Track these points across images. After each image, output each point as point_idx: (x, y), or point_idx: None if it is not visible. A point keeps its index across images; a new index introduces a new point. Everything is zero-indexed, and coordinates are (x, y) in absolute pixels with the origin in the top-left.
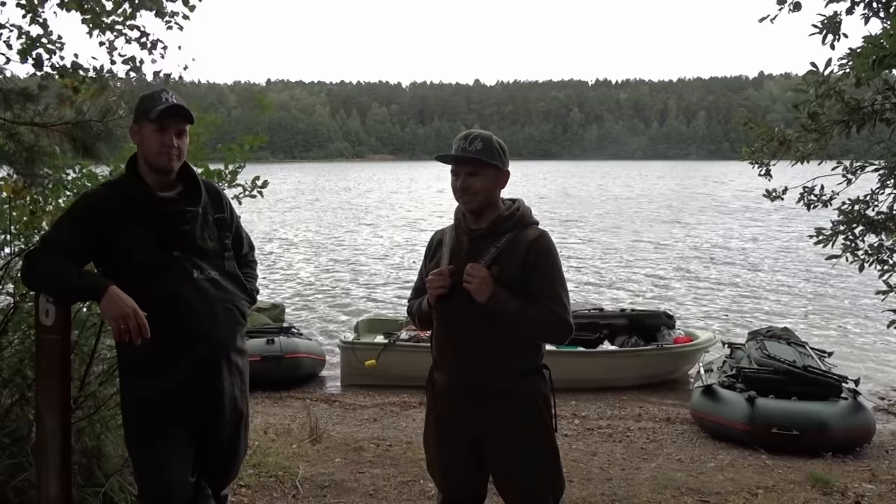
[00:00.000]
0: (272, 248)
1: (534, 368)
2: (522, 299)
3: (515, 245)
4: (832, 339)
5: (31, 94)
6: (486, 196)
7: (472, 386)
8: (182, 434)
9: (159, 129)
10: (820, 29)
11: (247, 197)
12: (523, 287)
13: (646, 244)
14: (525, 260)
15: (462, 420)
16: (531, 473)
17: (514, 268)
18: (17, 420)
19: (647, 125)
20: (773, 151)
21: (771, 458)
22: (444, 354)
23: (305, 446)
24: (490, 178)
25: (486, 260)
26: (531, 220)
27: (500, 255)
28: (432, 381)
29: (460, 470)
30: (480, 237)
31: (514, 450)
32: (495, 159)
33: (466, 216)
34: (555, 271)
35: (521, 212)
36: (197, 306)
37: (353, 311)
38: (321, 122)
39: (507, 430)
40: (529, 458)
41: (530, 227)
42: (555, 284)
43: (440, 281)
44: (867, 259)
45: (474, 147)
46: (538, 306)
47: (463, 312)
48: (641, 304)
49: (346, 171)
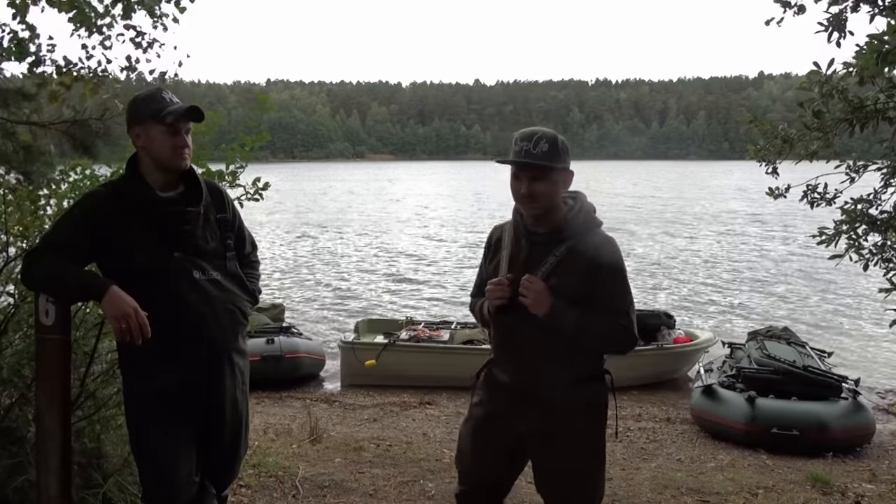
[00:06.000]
0: (272, 248)
1: (593, 375)
2: (584, 310)
3: (576, 254)
4: (832, 339)
5: (27, 94)
6: (553, 200)
7: (527, 390)
8: (184, 433)
9: (172, 131)
10: (826, 27)
11: (249, 200)
12: (585, 297)
13: (646, 244)
14: (587, 270)
15: (512, 420)
16: (577, 479)
17: (575, 278)
18: (17, 420)
19: (647, 125)
20: (778, 150)
21: (771, 458)
22: (502, 357)
23: (305, 446)
24: (556, 182)
25: (545, 271)
26: (594, 222)
27: (559, 265)
28: (490, 376)
29: (493, 464)
30: (539, 243)
31: (562, 461)
32: (563, 162)
33: (525, 217)
34: (618, 281)
35: (584, 215)
36: (198, 307)
37: (353, 312)
38: (321, 122)
39: (558, 438)
40: (577, 469)
41: (593, 232)
42: (620, 293)
43: (499, 291)
44: (871, 258)
45: (539, 149)
46: (601, 318)
47: (522, 322)
48: (641, 304)
49: (342, 172)
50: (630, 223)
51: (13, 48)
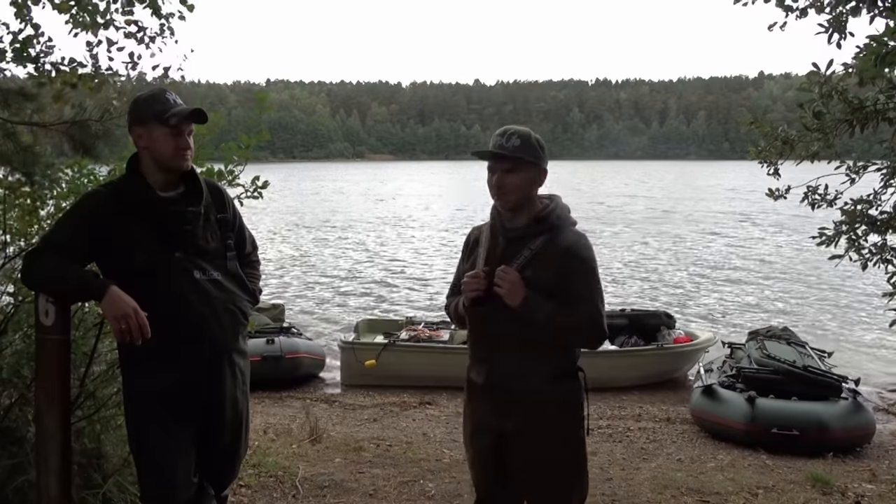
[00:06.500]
0: (271, 248)
1: (568, 371)
2: (556, 304)
3: (551, 248)
4: (832, 339)
5: (28, 94)
6: (524, 194)
7: (504, 387)
8: (184, 433)
9: (175, 132)
10: (826, 28)
11: (248, 198)
12: (558, 291)
13: (646, 244)
14: (560, 264)
15: (492, 420)
16: (555, 478)
17: (549, 272)
18: (17, 420)
19: (647, 125)
20: (779, 150)
21: (771, 458)
22: (478, 355)
23: (305, 446)
24: (527, 176)
25: (520, 263)
26: (568, 220)
27: (534, 259)
28: (469, 379)
29: (489, 469)
30: (516, 238)
31: (539, 453)
32: (533, 156)
33: (502, 214)
34: (590, 276)
35: (558, 212)
36: (198, 307)
37: (353, 312)
38: (321, 122)
39: (535, 432)
40: (555, 461)
41: (567, 229)
42: (590, 289)
43: (475, 283)
44: (870, 259)
45: (511, 143)
46: (572, 311)
47: (497, 315)
48: (641, 304)
49: (342, 172)
50: (630, 223)
51: (17, 47)
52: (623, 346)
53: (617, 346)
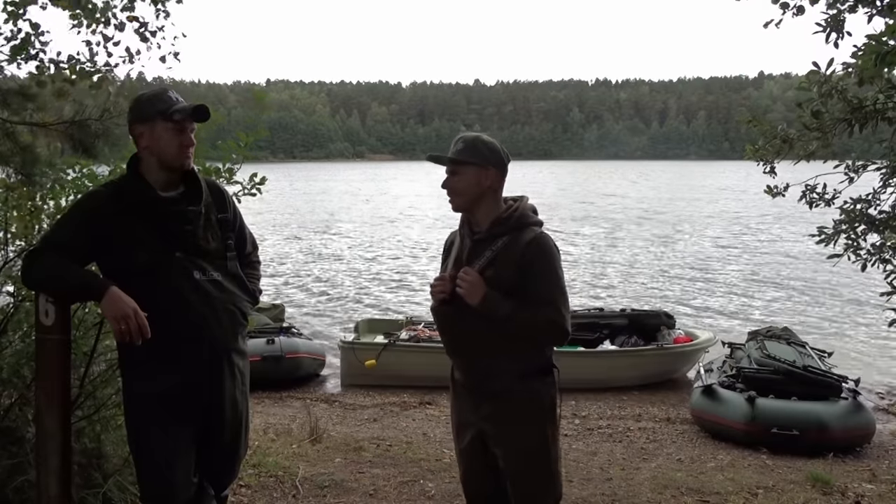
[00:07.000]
0: (272, 247)
1: (539, 369)
2: (517, 302)
3: (512, 248)
4: (832, 339)
5: (28, 94)
6: (470, 196)
7: (476, 386)
8: (184, 434)
9: (178, 130)
10: (823, 27)
11: (246, 195)
12: (521, 290)
13: (646, 244)
14: (521, 263)
15: (469, 418)
16: (528, 475)
17: (510, 270)
18: (17, 420)
19: (647, 125)
20: (777, 150)
21: (771, 458)
22: (452, 351)
23: (305, 446)
24: (470, 177)
25: (481, 263)
26: (530, 220)
27: (495, 259)
28: (452, 377)
29: (471, 467)
30: (480, 240)
31: (512, 451)
32: (477, 158)
33: (470, 218)
34: (551, 274)
35: (520, 212)
36: (198, 307)
37: (353, 312)
38: (321, 122)
39: (506, 430)
40: (527, 459)
41: (528, 229)
42: (550, 287)
43: (440, 286)
44: (869, 258)
45: (456, 148)
46: (532, 309)
47: (463, 314)
48: (641, 304)
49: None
50: (628, 223)
51: (16, 45)
52: (623, 346)
53: (617, 346)
